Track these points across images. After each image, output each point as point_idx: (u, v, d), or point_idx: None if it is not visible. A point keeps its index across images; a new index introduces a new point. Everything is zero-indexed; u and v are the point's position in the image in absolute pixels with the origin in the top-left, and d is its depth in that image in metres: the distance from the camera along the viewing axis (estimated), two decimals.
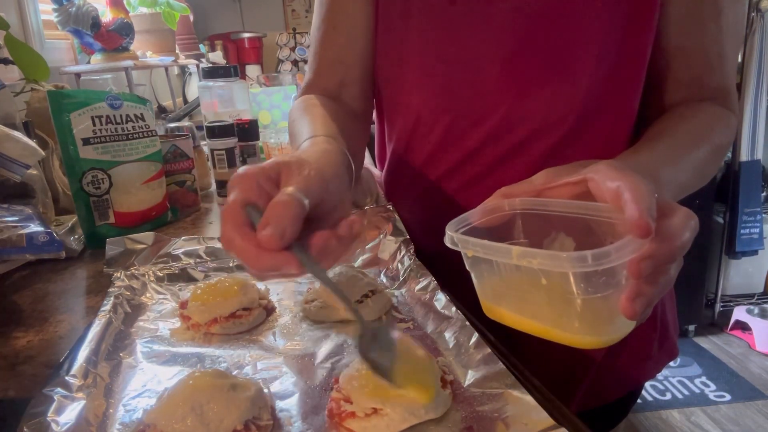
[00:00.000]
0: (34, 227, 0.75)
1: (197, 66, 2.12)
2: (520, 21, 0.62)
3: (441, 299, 0.59)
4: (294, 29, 3.18)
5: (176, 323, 0.60)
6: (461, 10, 0.64)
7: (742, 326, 2.65)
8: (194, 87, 2.20)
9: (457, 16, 0.64)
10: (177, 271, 0.71)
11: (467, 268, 0.45)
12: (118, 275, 0.68)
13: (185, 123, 1.31)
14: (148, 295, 0.66)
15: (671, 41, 0.63)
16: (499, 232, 0.46)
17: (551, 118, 0.64)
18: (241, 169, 0.40)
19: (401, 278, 0.67)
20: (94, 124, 0.83)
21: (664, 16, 0.61)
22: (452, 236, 0.43)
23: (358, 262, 0.73)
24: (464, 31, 0.64)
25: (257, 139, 1.14)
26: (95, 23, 1.46)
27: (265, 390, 0.46)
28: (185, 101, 2.17)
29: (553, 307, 0.41)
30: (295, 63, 3.05)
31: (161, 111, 1.93)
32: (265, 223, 0.36)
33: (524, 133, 0.65)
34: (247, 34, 2.95)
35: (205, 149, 1.14)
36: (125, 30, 1.55)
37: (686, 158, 0.54)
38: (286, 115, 2.01)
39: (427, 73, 0.67)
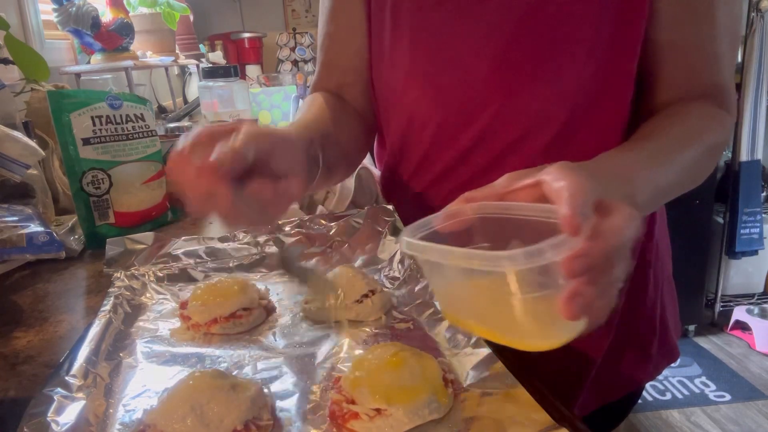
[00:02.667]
0: (34, 227, 0.75)
1: (197, 66, 2.12)
2: (508, 20, 0.61)
3: None
4: (294, 29, 3.18)
5: (176, 323, 0.60)
6: (450, 10, 0.64)
7: (742, 326, 2.65)
8: (194, 87, 2.20)
9: (445, 16, 0.64)
10: (177, 271, 0.71)
11: (424, 274, 0.45)
12: (118, 275, 0.68)
13: (185, 123, 1.31)
14: (148, 295, 0.66)
15: (662, 37, 0.61)
16: (461, 237, 0.45)
17: (542, 117, 0.63)
18: (206, 125, 0.46)
19: (401, 278, 0.67)
20: (94, 124, 0.83)
21: (655, 11, 0.60)
22: (405, 240, 0.42)
23: (358, 262, 0.73)
24: (453, 31, 0.64)
25: None
26: (95, 23, 1.46)
27: (265, 390, 0.46)
28: (185, 101, 2.17)
29: (497, 309, 0.41)
30: (295, 63, 3.05)
31: (161, 111, 1.93)
32: (210, 155, 0.42)
33: (516, 132, 0.65)
34: (247, 34, 2.95)
35: None
36: (125, 30, 1.55)
37: (673, 159, 0.53)
38: (286, 115, 2.01)
39: (417, 74, 0.67)
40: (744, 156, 2.51)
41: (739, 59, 2.52)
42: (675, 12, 0.60)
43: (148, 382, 0.49)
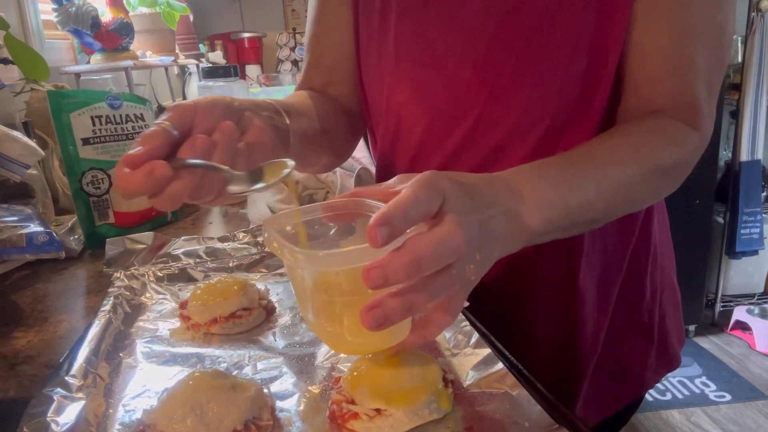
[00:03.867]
0: (34, 227, 0.75)
1: (197, 66, 2.12)
2: (488, 24, 0.61)
3: None
4: (294, 29, 3.18)
5: (176, 323, 0.60)
6: (434, 11, 0.63)
7: (743, 326, 2.65)
8: (194, 87, 2.20)
9: (429, 18, 0.64)
10: (177, 271, 0.71)
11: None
12: (118, 275, 0.68)
13: None
14: (147, 295, 0.66)
15: (629, 36, 0.58)
16: (345, 232, 0.46)
17: (525, 121, 0.63)
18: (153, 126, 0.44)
19: None
20: (94, 124, 0.83)
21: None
22: (265, 228, 0.42)
23: None
24: (436, 33, 0.64)
25: None
26: (95, 23, 1.46)
27: (265, 390, 0.46)
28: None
29: (319, 310, 0.41)
30: (295, 63, 3.05)
31: (161, 111, 1.93)
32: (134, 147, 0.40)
33: (501, 136, 0.64)
34: (247, 34, 2.95)
35: None
36: (125, 30, 1.55)
37: (591, 177, 0.50)
38: None
39: (403, 76, 0.67)
40: (744, 156, 2.51)
41: (739, 59, 2.52)
42: (643, 11, 0.57)
43: (148, 382, 0.49)
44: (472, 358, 0.49)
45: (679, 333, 0.79)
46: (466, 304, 0.40)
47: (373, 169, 0.94)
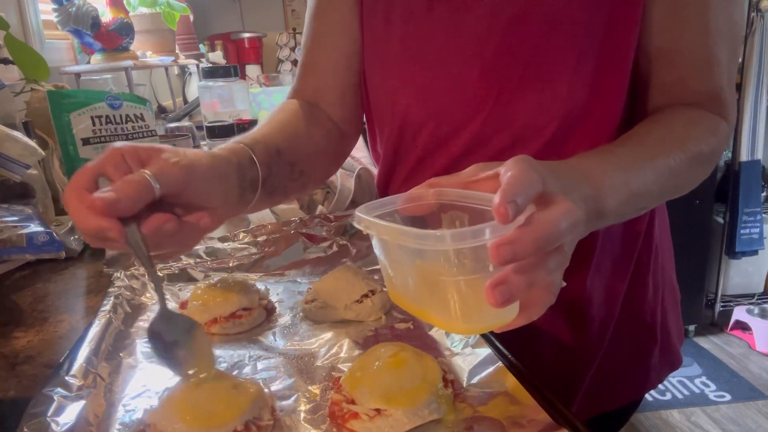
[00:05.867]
0: (34, 227, 0.75)
1: (197, 66, 2.12)
2: (496, 27, 0.61)
3: None
4: (294, 29, 3.18)
5: None
6: (439, 16, 0.63)
7: (742, 326, 2.64)
8: (194, 87, 2.20)
9: (435, 23, 0.64)
10: (177, 271, 0.71)
11: (375, 252, 0.45)
12: (118, 275, 0.68)
13: (185, 123, 1.31)
14: (148, 295, 0.66)
15: (653, 43, 0.60)
16: (422, 221, 0.46)
17: (532, 125, 0.63)
18: (117, 143, 0.44)
19: None
20: (94, 124, 0.83)
21: (645, 17, 0.59)
22: (356, 214, 0.43)
23: (358, 263, 0.73)
24: (442, 38, 0.64)
25: None
26: (95, 23, 1.46)
27: (266, 390, 0.46)
28: (185, 101, 2.17)
29: (430, 290, 0.41)
30: (295, 63, 3.05)
31: (161, 111, 1.93)
32: (107, 190, 0.41)
33: (506, 140, 0.64)
34: (247, 34, 2.95)
35: (205, 149, 1.14)
36: (125, 30, 1.56)
37: (650, 165, 0.52)
38: None
39: (408, 80, 0.67)
40: (744, 156, 2.51)
41: (739, 59, 2.52)
42: (664, 17, 0.59)
43: (148, 382, 0.49)
44: (472, 358, 0.50)
45: (679, 332, 0.80)
46: (563, 284, 0.41)
47: (373, 169, 0.94)
